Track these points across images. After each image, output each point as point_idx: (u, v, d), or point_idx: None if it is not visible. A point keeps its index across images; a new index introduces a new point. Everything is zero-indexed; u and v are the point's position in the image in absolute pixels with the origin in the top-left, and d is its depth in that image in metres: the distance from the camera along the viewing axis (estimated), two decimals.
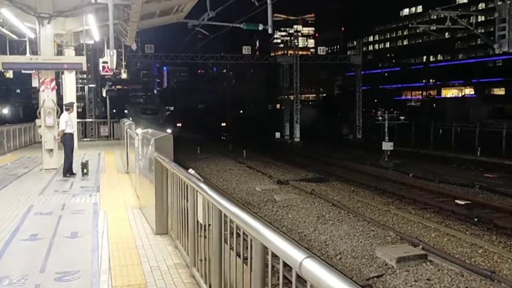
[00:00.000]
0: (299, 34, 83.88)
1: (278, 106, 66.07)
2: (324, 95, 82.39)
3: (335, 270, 1.95)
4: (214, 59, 43.98)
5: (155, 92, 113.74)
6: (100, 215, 7.23)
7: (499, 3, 20.14)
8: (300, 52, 45.18)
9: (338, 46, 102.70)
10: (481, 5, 69.62)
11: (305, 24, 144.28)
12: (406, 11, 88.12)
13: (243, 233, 2.71)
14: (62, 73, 16.78)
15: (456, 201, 14.60)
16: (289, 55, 46.45)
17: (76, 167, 11.36)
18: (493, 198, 15.39)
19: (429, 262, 9.03)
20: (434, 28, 27.81)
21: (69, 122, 11.28)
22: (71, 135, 11.43)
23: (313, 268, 1.73)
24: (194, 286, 4.32)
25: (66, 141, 11.17)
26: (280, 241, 2.09)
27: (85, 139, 22.27)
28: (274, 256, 2.17)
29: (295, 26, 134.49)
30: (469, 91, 69.64)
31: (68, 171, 11.16)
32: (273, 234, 2.21)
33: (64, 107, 11.79)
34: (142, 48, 38.79)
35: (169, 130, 27.71)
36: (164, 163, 5.47)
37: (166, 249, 5.45)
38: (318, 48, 46.70)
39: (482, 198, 15.22)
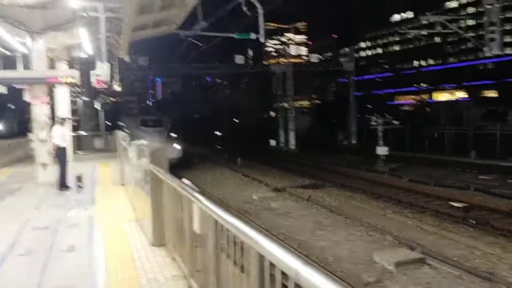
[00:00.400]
0: (292, 42, 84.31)
1: (273, 114, 66.21)
2: (318, 101, 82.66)
3: (333, 276, 1.93)
4: (207, 69, 43.93)
5: (150, 103, 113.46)
6: (96, 228, 7.19)
7: (488, 6, 20.37)
8: (293, 60, 45.46)
9: (331, 53, 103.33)
10: (470, 9, 70.34)
11: (297, 32, 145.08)
12: (397, 17, 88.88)
13: (240, 241, 2.71)
14: (55, 86, 16.77)
15: (453, 203, 14.61)
16: (281, 63, 46.58)
17: (71, 180, 11.31)
18: (489, 199, 15.43)
19: (427, 266, 9.04)
20: (425, 33, 28.11)
21: (62, 135, 11.25)
22: (64, 148, 11.40)
23: (310, 275, 1.73)
24: None
25: (59, 155, 11.14)
26: (276, 249, 2.08)
27: (79, 152, 22.16)
28: (272, 264, 2.16)
29: (287, 34, 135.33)
30: (461, 94, 70.07)
31: (63, 184, 11.11)
32: (270, 242, 2.20)
33: (56, 120, 11.77)
34: (135, 59, 38.79)
35: (178, 146, 25.52)
36: (159, 175, 5.46)
37: (164, 261, 5.42)
38: (311, 55, 46.89)
39: (478, 200, 15.24)
